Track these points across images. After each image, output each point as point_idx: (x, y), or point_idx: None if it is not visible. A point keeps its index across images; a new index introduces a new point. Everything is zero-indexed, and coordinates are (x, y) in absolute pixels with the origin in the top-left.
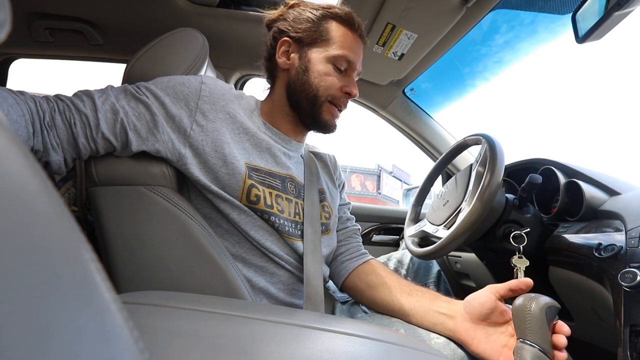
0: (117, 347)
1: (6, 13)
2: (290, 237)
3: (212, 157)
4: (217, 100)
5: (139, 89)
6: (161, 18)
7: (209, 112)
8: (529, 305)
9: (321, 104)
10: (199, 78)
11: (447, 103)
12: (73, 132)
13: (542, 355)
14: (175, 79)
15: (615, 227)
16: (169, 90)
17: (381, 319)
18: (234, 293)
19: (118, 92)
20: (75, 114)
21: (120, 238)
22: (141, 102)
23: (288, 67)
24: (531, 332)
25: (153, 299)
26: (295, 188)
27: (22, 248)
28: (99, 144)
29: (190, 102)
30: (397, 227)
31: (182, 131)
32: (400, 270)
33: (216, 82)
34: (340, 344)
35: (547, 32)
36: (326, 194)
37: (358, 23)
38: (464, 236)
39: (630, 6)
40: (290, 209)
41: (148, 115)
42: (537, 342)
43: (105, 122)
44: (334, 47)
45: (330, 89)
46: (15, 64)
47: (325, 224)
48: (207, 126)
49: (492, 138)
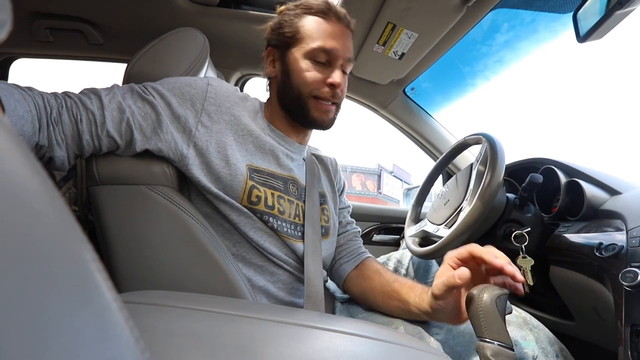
0: (118, 346)
1: (7, 13)
2: (290, 238)
3: (215, 158)
4: (223, 102)
5: (146, 89)
6: (162, 18)
7: (214, 114)
8: (479, 302)
9: (306, 101)
10: (206, 80)
11: (448, 102)
12: (78, 129)
13: (503, 349)
14: (182, 80)
15: (616, 227)
16: (175, 91)
17: (381, 318)
18: (234, 292)
19: (125, 92)
20: (82, 110)
21: (121, 237)
22: (148, 102)
23: (275, 75)
24: (487, 329)
25: (154, 299)
26: (297, 190)
27: (23, 248)
28: (102, 141)
29: (197, 102)
30: (397, 227)
31: (187, 131)
32: (400, 270)
33: (222, 84)
34: (341, 343)
35: (547, 31)
36: (326, 197)
37: (335, 10)
38: (464, 235)
39: (632, 5)
40: (291, 210)
41: (154, 115)
42: (495, 338)
43: (111, 120)
44: (308, 41)
45: (311, 85)
46: (15, 64)
47: (325, 227)
48: (212, 127)
49: (492, 137)
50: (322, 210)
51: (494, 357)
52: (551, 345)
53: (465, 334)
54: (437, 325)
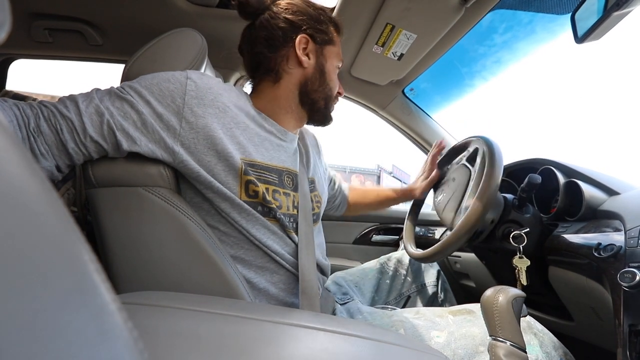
0: (116, 347)
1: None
2: (288, 230)
3: (205, 155)
4: (205, 95)
5: (123, 89)
6: (160, 18)
7: (197, 108)
8: (495, 301)
9: (333, 101)
10: (184, 73)
11: (447, 103)
12: (61, 139)
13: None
14: (159, 76)
15: (615, 227)
16: (153, 88)
17: (381, 319)
18: (232, 293)
19: (103, 95)
20: (61, 119)
21: (119, 239)
22: (126, 101)
23: (307, 66)
24: (501, 328)
25: (152, 300)
26: (292, 181)
27: (21, 249)
28: (89, 148)
29: (177, 98)
30: (397, 227)
31: (172, 129)
32: (400, 270)
33: (202, 76)
34: (340, 344)
35: (545, 32)
36: (316, 182)
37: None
38: (464, 237)
39: (629, 6)
40: (289, 202)
41: (134, 115)
42: (509, 338)
43: (91, 125)
44: (337, 52)
45: (336, 89)
46: (15, 64)
47: (317, 214)
48: (196, 122)
49: (490, 140)
50: (312, 197)
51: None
52: (555, 349)
53: (467, 336)
54: (438, 328)
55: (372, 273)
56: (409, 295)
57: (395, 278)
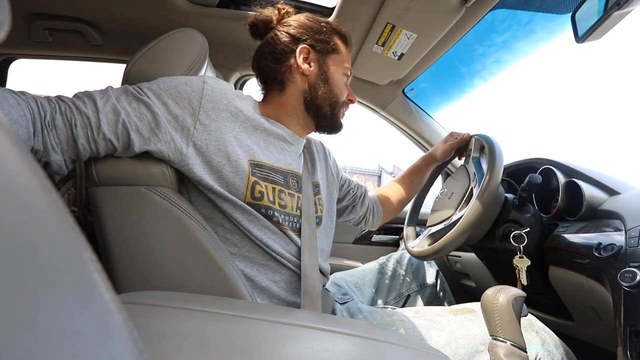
0: (116, 347)
1: (6, 13)
2: (292, 230)
3: (216, 156)
4: (220, 99)
5: (141, 90)
6: (161, 18)
7: (211, 111)
8: (496, 301)
9: (340, 108)
10: (201, 78)
11: (447, 103)
12: (73, 133)
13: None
14: (177, 79)
15: (615, 227)
16: (171, 90)
17: (381, 318)
18: (233, 293)
19: (119, 93)
20: (77, 114)
21: (120, 238)
22: (143, 103)
23: (309, 74)
24: (501, 328)
25: (152, 299)
26: (297, 183)
27: (21, 248)
28: (99, 144)
29: (194, 101)
30: (397, 227)
31: (186, 130)
32: (399, 270)
33: (217, 82)
34: (340, 343)
35: (545, 31)
36: (319, 187)
37: (351, 42)
38: (464, 236)
39: (630, 6)
40: (293, 203)
41: (150, 116)
42: (509, 337)
43: (106, 123)
44: (342, 59)
45: (343, 96)
46: (15, 64)
47: (319, 217)
48: (210, 125)
49: (491, 138)
50: (316, 201)
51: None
52: (557, 348)
53: (468, 336)
54: (438, 327)
55: (372, 274)
56: (408, 295)
57: (394, 278)
